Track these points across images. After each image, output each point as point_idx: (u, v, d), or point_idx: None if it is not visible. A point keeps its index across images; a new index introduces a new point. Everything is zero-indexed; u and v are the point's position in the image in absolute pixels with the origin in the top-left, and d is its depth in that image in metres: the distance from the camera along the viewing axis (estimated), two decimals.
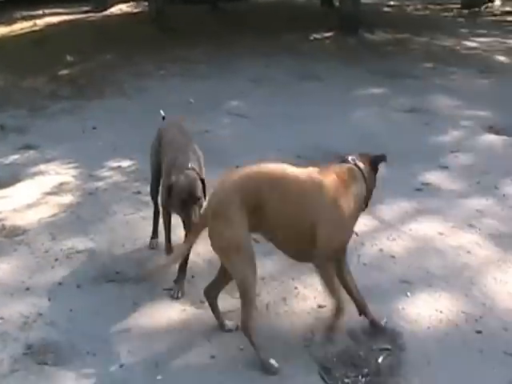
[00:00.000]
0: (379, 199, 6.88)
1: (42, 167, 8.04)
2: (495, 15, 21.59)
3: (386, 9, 23.08)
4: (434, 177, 7.48)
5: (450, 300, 5.10)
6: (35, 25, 20.09)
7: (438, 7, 23.68)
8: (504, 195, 7.11)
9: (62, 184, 7.47)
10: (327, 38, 16.45)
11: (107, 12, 22.25)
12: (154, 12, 18.25)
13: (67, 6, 22.94)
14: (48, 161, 8.25)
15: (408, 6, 24.10)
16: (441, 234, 6.18)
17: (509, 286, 5.31)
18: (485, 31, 18.32)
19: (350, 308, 4.88)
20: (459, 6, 23.28)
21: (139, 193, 7.10)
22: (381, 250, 5.87)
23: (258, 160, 7.60)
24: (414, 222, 6.44)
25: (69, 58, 14.02)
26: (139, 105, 10.69)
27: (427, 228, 6.29)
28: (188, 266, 5.27)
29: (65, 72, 13.30)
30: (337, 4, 18.48)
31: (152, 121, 9.63)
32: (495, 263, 5.68)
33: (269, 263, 5.55)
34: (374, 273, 5.49)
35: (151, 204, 6.16)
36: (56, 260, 5.70)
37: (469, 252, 5.84)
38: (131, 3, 23.35)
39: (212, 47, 15.27)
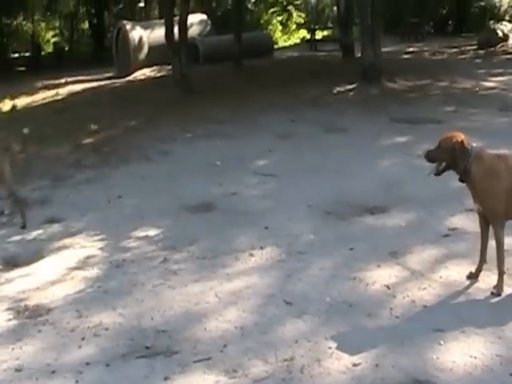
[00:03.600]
0: (407, 248, 6.83)
1: (67, 241, 7.79)
2: (510, 53, 21.63)
3: (405, 56, 23.17)
4: (460, 221, 7.37)
5: (484, 344, 4.99)
6: (58, 94, 20.32)
7: (455, 50, 23.79)
8: None
9: (87, 257, 7.26)
10: (350, 90, 16.47)
11: (131, 77, 22.46)
12: (178, 74, 18.06)
13: (90, 73, 23.20)
14: (73, 234, 8.02)
15: (426, 51, 24.20)
16: (470, 278, 6.06)
17: None
18: (501, 70, 18.41)
19: (384, 362, 4.79)
20: (475, 47, 23.41)
21: (167, 261, 6.99)
22: (413, 301, 5.74)
23: (288, 219, 7.64)
24: (444, 268, 6.33)
25: (93, 126, 14.07)
26: (165, 169, 10.66)
27: (457, 274, 6.17)
28: (219, 333, 5.27)
29: (89, 140, 13.35)
30: (358, 56, 18.57)
31: (178, 184, 9.72)
32: None
33: (301, 324, 5.46)
34: (407, 324, 5.38)
35: (180, 273, 6.35)
36: (83, 339, 5.45)
37: (499, 294, 5.73)
38: (154, 68, 23.42)
39: (236, 105, 15.33)
